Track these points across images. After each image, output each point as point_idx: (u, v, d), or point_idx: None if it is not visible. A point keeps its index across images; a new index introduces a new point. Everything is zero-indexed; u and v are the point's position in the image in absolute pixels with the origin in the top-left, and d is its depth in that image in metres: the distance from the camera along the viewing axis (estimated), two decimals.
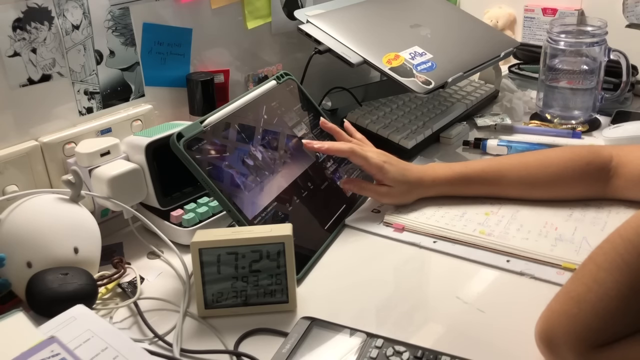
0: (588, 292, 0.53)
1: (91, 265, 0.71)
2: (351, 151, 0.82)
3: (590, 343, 0.52)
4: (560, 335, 0.53)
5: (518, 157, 0.88)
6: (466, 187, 0.86)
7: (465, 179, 0.85)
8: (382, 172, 0.82)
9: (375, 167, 0.82)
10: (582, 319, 0.52)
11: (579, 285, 0.54)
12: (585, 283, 0.54)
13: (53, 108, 0.83)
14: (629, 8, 1.33)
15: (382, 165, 0.83)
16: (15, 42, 0.77)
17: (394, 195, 0.84)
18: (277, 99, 0.86)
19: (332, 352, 0.59)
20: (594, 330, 0.52)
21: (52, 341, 0.51)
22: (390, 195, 0.84)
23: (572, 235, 0.78)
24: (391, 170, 0.83)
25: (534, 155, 0.87)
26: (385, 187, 0.84)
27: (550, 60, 1.13)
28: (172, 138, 0.70)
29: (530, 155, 0.88)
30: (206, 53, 1.03)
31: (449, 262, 0.76)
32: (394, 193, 0.84)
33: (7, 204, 0.71)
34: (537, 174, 0.84)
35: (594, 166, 0.83)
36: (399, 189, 0.84)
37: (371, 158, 0.82)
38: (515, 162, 0.86)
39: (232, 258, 0.65)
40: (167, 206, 0.81)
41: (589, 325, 0.52)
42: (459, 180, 0.85)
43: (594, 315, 0.52)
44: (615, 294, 0.52)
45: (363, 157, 0.82)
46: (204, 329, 0.65)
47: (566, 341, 0.53)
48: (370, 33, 1.07)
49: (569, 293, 0.55)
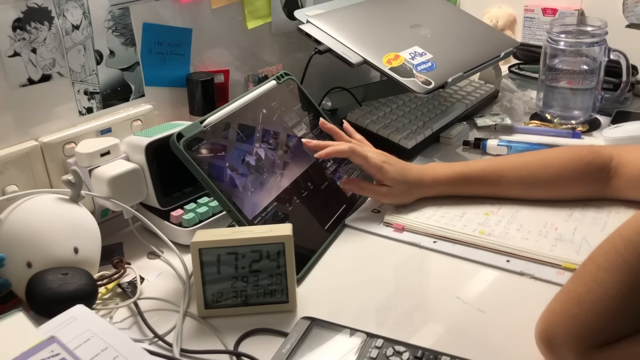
0: (588, 292, 0.53)
1: (91, 265, 0.71)
2: (351, 151, 0.82)
3: (591, 343, 0.52)
4: (560, 335, 0.53)
5: (518, 157, 0.88)
6: (466, 187, 0.86)
7: (465, 178, 0.85)
8: (381, 172, 0.82)
9: (375, 167, 0.82)
10: (583, 319, 0.52)
11: (579, 285, 0.54)
12: (585, 283, 0.54)
13: (53, 108, 0.83)
14: (629, 8, 1.33)
15: (382, 165, 0.83)
16: (15, 42, 0.77)
17: (393, 195, 0.84)
18: (277, 99, 0.86)
19: (332, 352, 0.59)
20: (595, 330, 0.52)
21: (52, 341, 0.51)
22: (390, 195, 0.84)
23: (572, 235, 0.78)
24: (390, 170, 0.83)
25: (534, 155, 0.87)
26: (385, 187, 0.84)
27: (550, 60, 1.13)
28: (172, 138, 0.70)
29: (530, 155, 0.88)
30: (206, 53, 1.03)
31: (449, 262, 0.76)
32: (393, 193, 0.84)
33: (7, 204, 0.71)
34: (537, 173, 0.84)
35: (594, 166, 0.83)
36: (399, 189, 0.84)
37: (371, 158, 0.82)
38: (515, 162, 0.86)
39: (232, 258, 0.65)
40: (167, 206, 0.81)
41: (590, 325, 0.52)
42: (459, 180, 0.85)
43: (594, 315, 0.52)
44: (615, 294, 0.52)
45: (363, 157, 0.82)
46: (204, 329, 0.65)
47: (566, 341, 0.53)
48: (370, 33, 1.07)
49: (569, 293, 0.55)
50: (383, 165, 0.83)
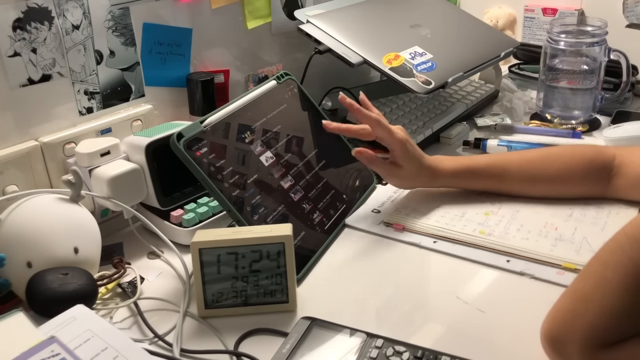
0: (595, 290, 0.53)
1: (91, 265, 0.71)
2: (377, 121, 0.81)
3: (597, 342, 0.52)
4: (566, 334, 0.53)
5: (521, 153, 0.89)
6: (470, 180, 0.86)
7: (470, 171, 0.86)
8: (404, 147, 0.81)
9: (399, 141, 0.81)
10: (589, 318, 0.52)
11: (585, 284, 0.54)
12: (592, 282, 0.54)
13: (53, 108, 0.83)
14: (629, 8, 1.33)
15: (406, 141, 0.82)
16: (16, 42, 0.77)
17: (401, 176, 0.84)
18: (277, 99, 0.86)
19: (332, 352, 0.59)
20: (601, 329, 0.52)
21: (52, 341, 0.51)
22: (398, 175, 0.84)
23: (572, 235, 0.78)
24: (411, 149, 0.83)
25: (537, 152, 0.88)
26: (396, 166, 0.83)
27: (550, 60, 1.13)
28: (172, 138, 0.70)
29: (533, 151, 0.89)
30: (206, 53, 1.03)
31: (449, 262, 0.76)
32: (402, 174, 0.84)
33: (7, 204, 0.71)
34: (540, 169, 0.85)
35: (597, 164, 0.83)
36: (409, 170, 0.83)
37: (395, 133, 0.82)
38: (519, 157, 0.87)
39: (232, 258, 0.65)
40: (167, 206, 0.81)
41: (596, 324, 0.52)
42: (464, 172, 0.86)
43: (601, 313, 0.52)
44: (622, 293, 0.52)
45: (388, 130, 0.81)
46: (204, 329, 0.65)
47: (572, 340, 0.53)
48: (370, 33, 1.07)
49: (575, 292, 0.55)
50: (407, 141, 0.82)
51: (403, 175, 0.84)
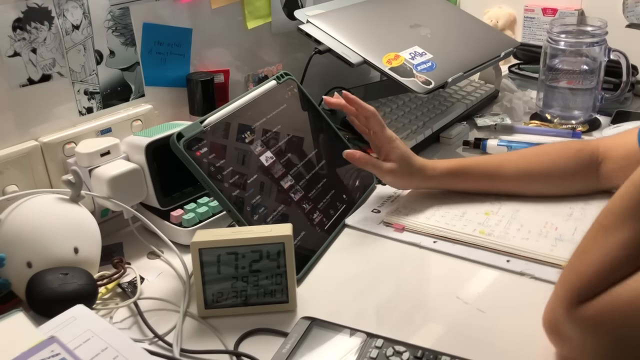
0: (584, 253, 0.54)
1: (91, 265, 0.71)
2: (374, 113, 0.84)
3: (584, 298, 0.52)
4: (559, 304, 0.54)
5: (515, 152, 0.93)
6: (465, 180, 0.87)
7: (465, 170, 0.86)
8: (392, 144, 0.84)
9: (389, 137, 0.84)
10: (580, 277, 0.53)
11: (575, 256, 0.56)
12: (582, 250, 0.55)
13: (53, 108, 0.83)
14: (629, 8, 1.33)
15: (395, 138, 0.85)
16: (15, 42, 0.77)
17: (395, 174, 0.85)
18: (277, 99, 0.86)
19: (332, 352, 0.59)
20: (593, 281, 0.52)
21: (52, 341, 0.51)
22: (392, 173, 0.85)
23: (572, 235, 0.77)
24: (401, 146, 0.85)
25: (528, 150, 0.92)
26: (389, 164, 0.84)
27: (550, 60, 1.13)
28: (172, 138, 0.70)
29: (525, 149, 0.92)
30: (206, 53, 1.03)
31: (449, 262, 0.76)
32: (396, 171, 0.84)
33: (7, 204, 0.71)
34: (533, 164, 0.86)
35: (584, 153, 0.85)
36: (401, 168, 0.84)
37: (387, 129, 0.85)
38: (513, 154, 0.90)
39: (232, 258, 0.65)
40: (167, 206, 0.81)
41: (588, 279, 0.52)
42: (458, 171, 0.86)
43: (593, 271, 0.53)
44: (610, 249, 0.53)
45: (381, 124, 0.84)
46: (204, 329, 0.65)
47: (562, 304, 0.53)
48: (370, 33, 1.07)
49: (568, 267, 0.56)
50: (397, 139, 0.85)
51: (396, 173, 0.85)
